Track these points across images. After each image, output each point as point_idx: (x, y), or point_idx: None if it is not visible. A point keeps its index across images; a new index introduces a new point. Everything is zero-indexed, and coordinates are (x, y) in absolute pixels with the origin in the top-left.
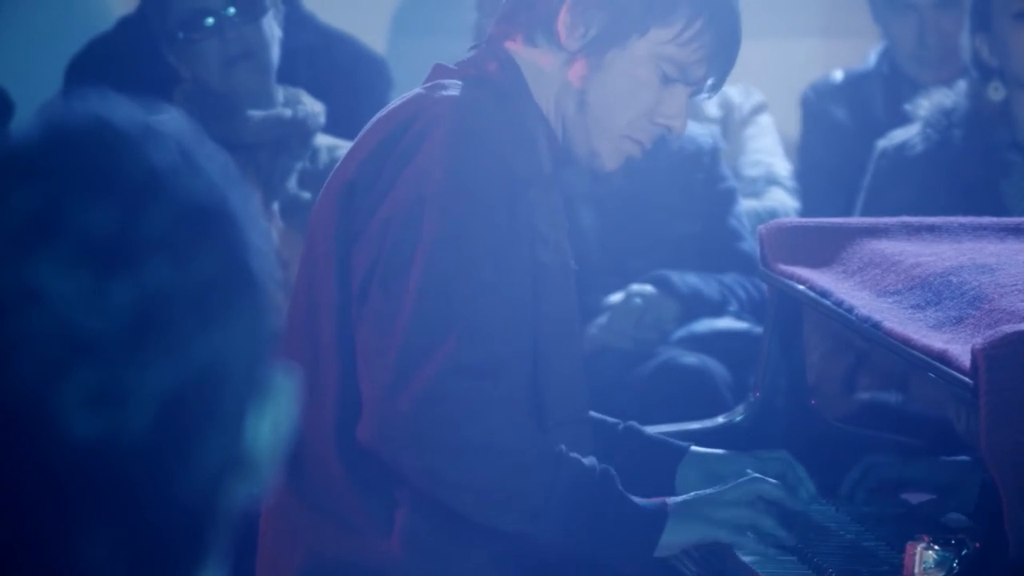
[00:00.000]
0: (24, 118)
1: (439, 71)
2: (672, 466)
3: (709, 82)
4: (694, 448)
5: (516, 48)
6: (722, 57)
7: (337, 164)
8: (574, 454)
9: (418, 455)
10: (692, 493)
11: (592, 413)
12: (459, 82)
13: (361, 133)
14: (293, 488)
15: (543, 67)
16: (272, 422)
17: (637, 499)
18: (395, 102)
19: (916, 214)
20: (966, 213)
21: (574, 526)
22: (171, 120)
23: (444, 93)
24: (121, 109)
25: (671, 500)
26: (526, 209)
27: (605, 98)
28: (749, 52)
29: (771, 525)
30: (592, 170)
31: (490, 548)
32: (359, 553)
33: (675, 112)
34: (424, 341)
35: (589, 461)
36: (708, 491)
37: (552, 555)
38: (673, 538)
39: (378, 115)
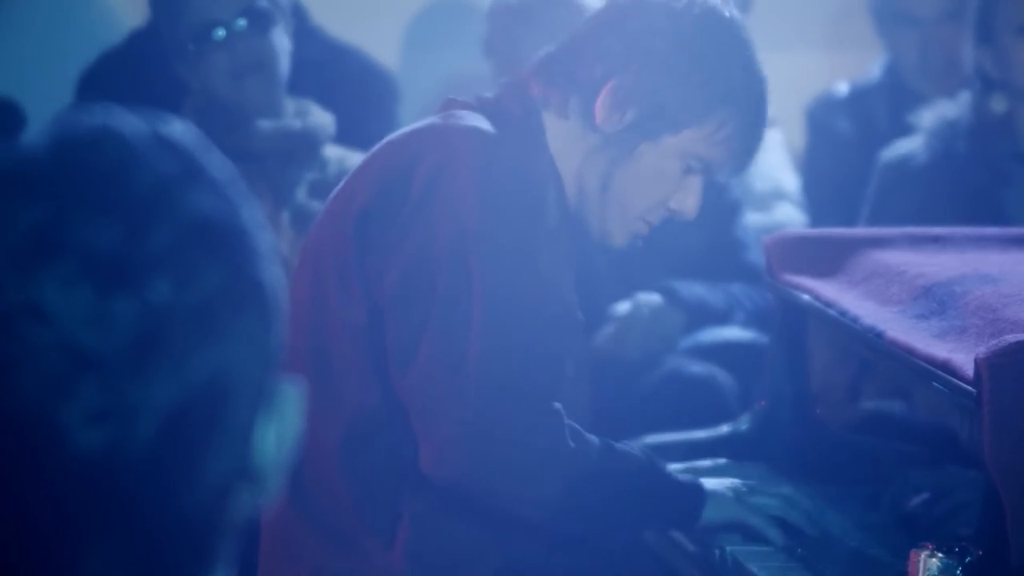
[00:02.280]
0: (35, 130)
1: (452, 103)
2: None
3: (729, 172)
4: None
5: (540, 98)
6: (747, 152)
7: (342, 185)
8: (619, 444)
9: (503, 480)
10: (729, 480)
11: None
12: (475, 114)
13: (368, 156)
14: (294, 505)
15: (568, 134)
16: (278, 433)
17: (678, 476)
18: (406, 129)
19: (920, 224)
20: (969, 223)
21: (624, 507)
22: (180, 132)
23: (460, 123)
24: (128, 123)
25: (707, 483)
26: (552, 250)
27: (629, 185)
28: None
29: (798, 517)
30: (602, 245)
31: (496, 561)
32: (362, 569)
33: (692, 200)
34: (500, 376)
35: (627, 445)
36: (742, 484)
37: (602, 535)
38: (711, 515)
39: (387, 140)
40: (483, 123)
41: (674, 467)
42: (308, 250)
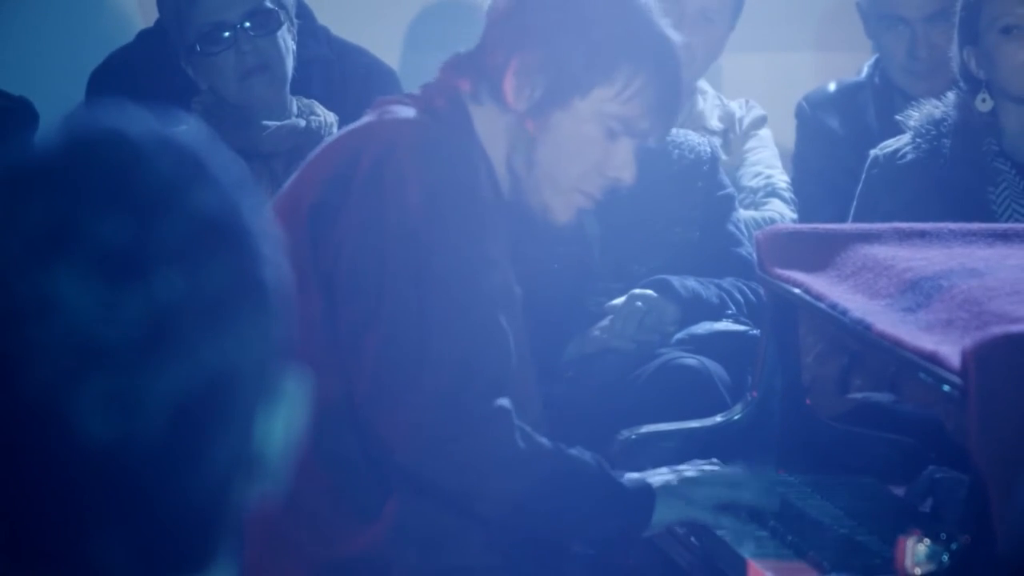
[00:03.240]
0: (48, 128)
1: (383, 101)
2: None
3: (657, 132)
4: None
5: (464, 96)
6: (665, 109)
7: (288, 187)
8: (572, 449)
9: (455, 471)
10: (673, 470)
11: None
12: (406, 109)
13: (311, 159)
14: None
15: (490, 120)
16: (284, 424)
17: (627, 482)
18: (343, 130)
19: (907, 220)
20: (955, 219)
21: (573, 514)
22: (188, 131)
23: (396, 116)
24: (138, 122)
25: (654, 481)
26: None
27: (553, 157)
28: (746, 66)
29: (749, 498)
30: (545, 223)
31: (481, 536)
32: (347, 546)
33: (623, 164)
34: (452, 365)
35: (579, 451)
36: (690, 472)
37: (552, 540)
38: (659, 517)
39: (327, 143)
40: (416, 115)
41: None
42: None
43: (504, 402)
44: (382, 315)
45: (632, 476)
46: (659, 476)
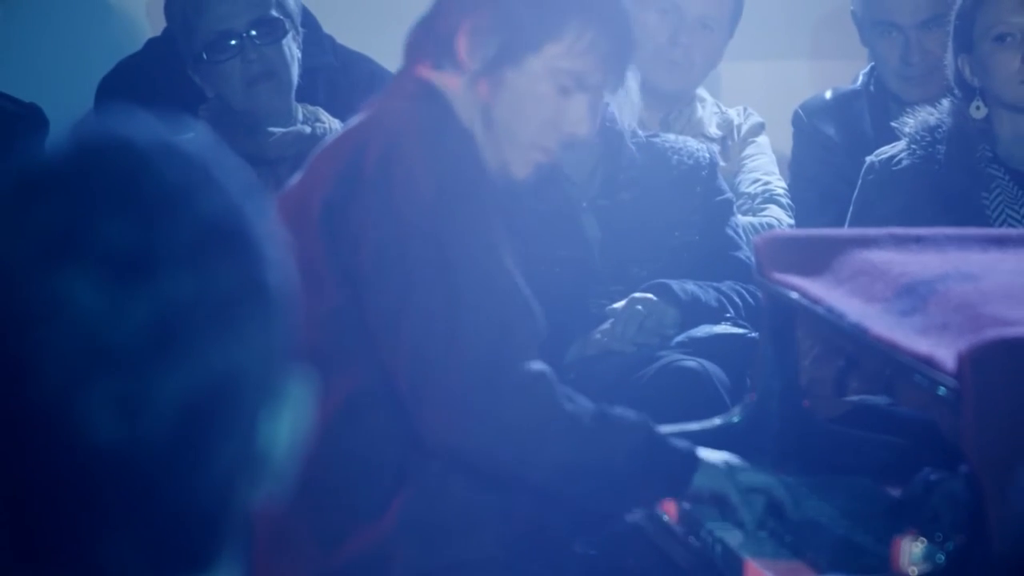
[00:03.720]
0: (57, 134)
1: (370, 103)
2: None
3: (610, 84)
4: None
5: (428, 74)
6: (617, 61)
7: (293, 189)
8: (615, 408)
9: (504, 444)
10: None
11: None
12: (398, 102)
13: (318, 154)
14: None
15: (455, 89)
16: (289, 426)
17: (673, 441)
18: (340, 130)
19: (903, 225)
20: (950, 224)
21: (622, 471)
22: (195, 137)
23: (394, 108)
24: (145, 129)
25: (701, 451)
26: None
27: (509, 114)
28: (744, 74)
29: (784, 496)
30: (505, 183)
31: (493, 528)
32: (352, 545)
33: (578, 119)
34: (486, 343)
35: (623, 410)
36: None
37: (597, 504)
38: (699, 483)
39: (326, 144)
40: (408, 107)
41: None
42: None
43: (541, 366)
44: (413, 302)
45: (676, 438)
46: (706, 451)
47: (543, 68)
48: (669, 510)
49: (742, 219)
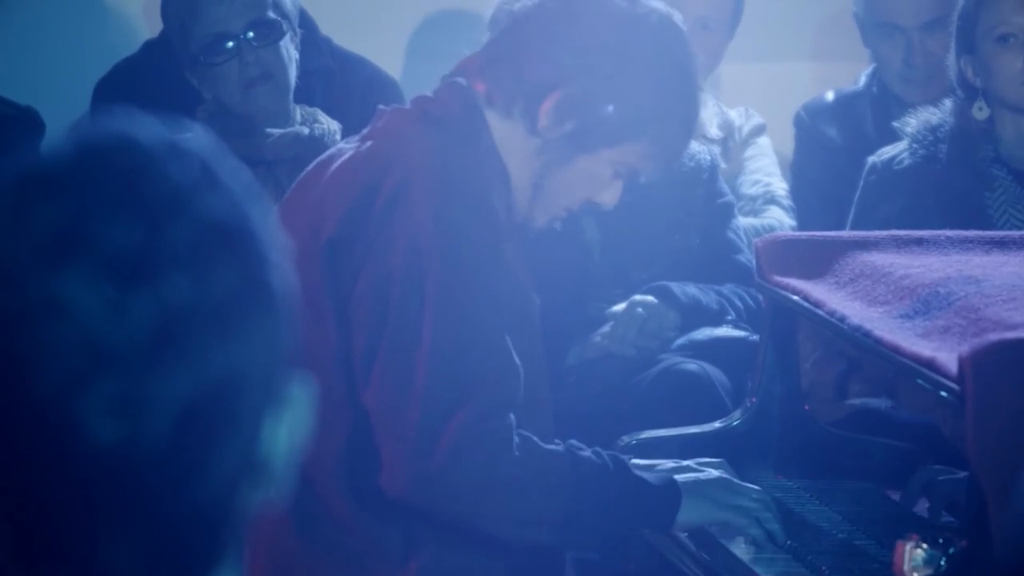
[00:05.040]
0: (54, 136)
1: (394, 116)
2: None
3: (655, 176)
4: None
5: (489, 113)
6: (673, 161)
7: (307, 212)
8: (584, 451)
9: (457, 500)
10: (704, 473)
11: None
12: (420, 127)
13: (326, 180)
14: (300, 531)
15: (510, 132)
16: (289, 430)
17: (652, 480)
18: (360, 150)
19: (904, 226)
20: (952, 225)
21: (600, 521)
22: (195, 138)
23: (410, 143)
24: (146, 128)
25: (681, 480)
26: (504, 251)
27: (560, 187)
28: (745, 75)
29: (777, 527)
30: (521, 227)
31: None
32: None
33: (612, 199)
34: (446, 396)
35: (596, 453)
36: (720, 475)
37: (581, 548)
38: (686, 517)
39: (342, 164)
40: (430, 137)
41: (653, 463)
42: None
43: (503, 422)
44: (382, 347)
45: (657, 473)
46: (687, 474)
47: (609, 159)
48: None
49: (743, 220)
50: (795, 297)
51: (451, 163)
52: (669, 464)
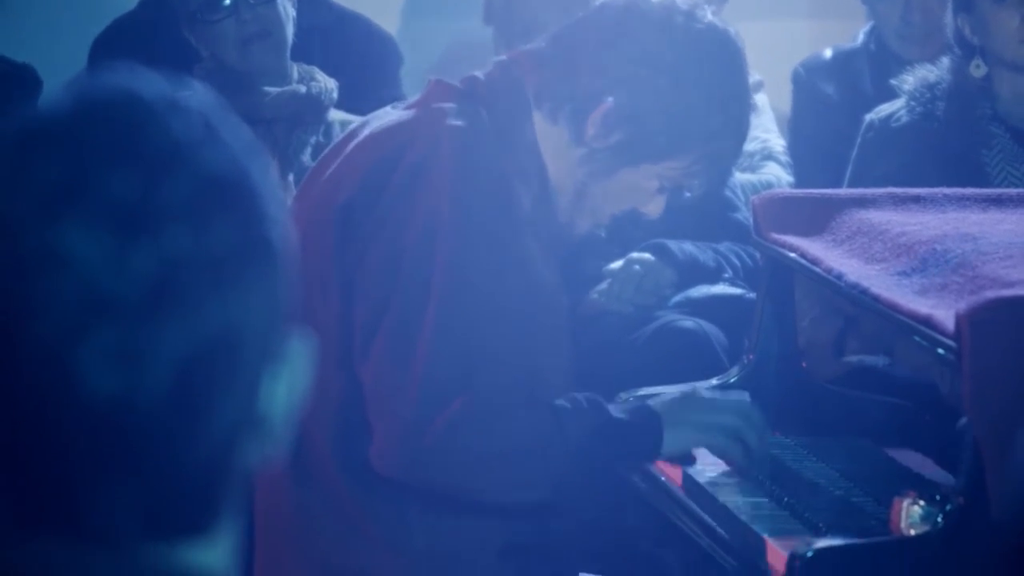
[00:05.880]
0: (52, 93)
1: (438, 89)
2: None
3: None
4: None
5: (532, 93)
6: (718, 177)
7: (329, 173)
8: (560, 401)
9: (449, 475)
10: (680, 394)
11: None
12: (455, 105)
13: (354, 147)
14: (294, 490)
15: (554, 138)
16: (287, 385)
17: (629, 413)
18: (392, 119)
19: (902, 184)
20: (950, 183)
21: (587, 464)
22: (197, 94)
23: (443, 121)
24: (148, 83)
25: (658, 406)
26: (525, 234)
27: (604, 197)
28: (743, 33)
29: (755, 439)
30: (564, 232)
31: (496, 544)
32: (367, 557)
33: (657, 211)
34: (445, 380)
35: (572, 400)
36: (698, 395)
37: (575, 501)
38: (670, 446)
39: (372, 131)
40: (467, 117)
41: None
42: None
43: (499, 408)
44: (385, 322)
45: (637, 405)
46: (666, 399)
47: (655, 172)
48: (672, 474)
49: (741, 177)
50: (792, 254)
51: (478, 148)
52: (673, 391)
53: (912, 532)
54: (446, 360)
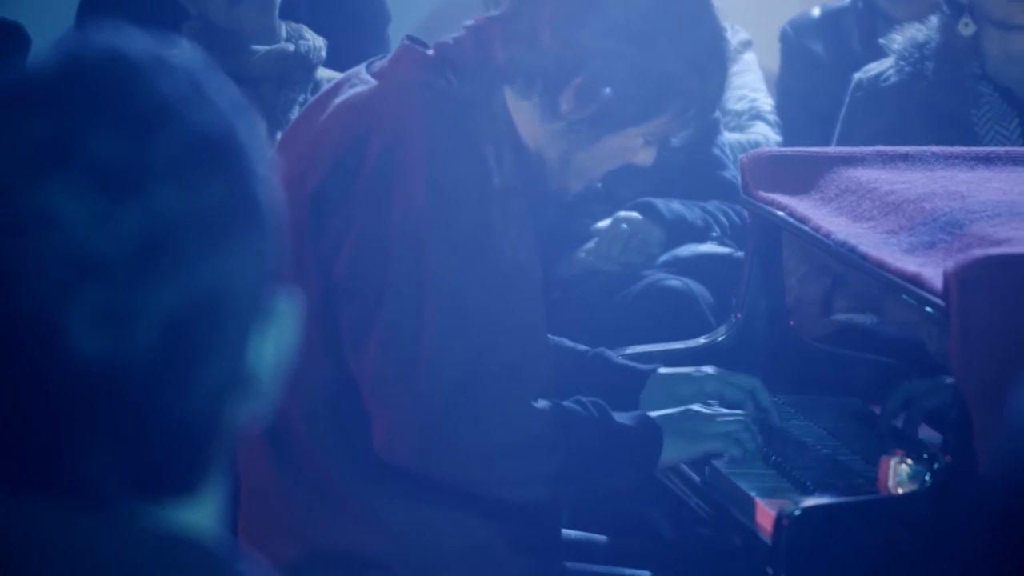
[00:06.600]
0: (40, 51)
1: (407, 56)
2: (636, 391)
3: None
4: (660, 371)
5: (500, 65)
6: (703, 120)
7: (300, 147)
8: (566, 403)
9: (454, 468)
10: (682, 409)
11: (564, 341)
12: (422, 77)
13: (322, 124)
14: (277, 464)
15: (528, 112)
16: (275, 344)
17: (632, 423)
18: (358, 92)
19: (890, 143)
20: (938, 141)
21: (589, 470)
22: (184, 52)
23: (411, 95)
24: (135, 42)
25: (659, 418)
26: (502, 212)
27: (590, 161)
28: None
29: (754, 444)
30: (556, 195)
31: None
32: (356, 538)
33: (648, 160)
34: (451, 368)
35: (578, 403)
36: (697, 408)
37: (572, 499)
38: (668, 457)
39: (339, 105)
40: (434, 91)
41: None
42: None
43: (504, 392)
44: (382, 315)
45: (636, 416)
46: (664, 414)
47: (638, 132)
48: None
49: (729, 136)
50: (780, 213)
51: (448, 124)
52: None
53: (900, 491)
54: (450, 348)
